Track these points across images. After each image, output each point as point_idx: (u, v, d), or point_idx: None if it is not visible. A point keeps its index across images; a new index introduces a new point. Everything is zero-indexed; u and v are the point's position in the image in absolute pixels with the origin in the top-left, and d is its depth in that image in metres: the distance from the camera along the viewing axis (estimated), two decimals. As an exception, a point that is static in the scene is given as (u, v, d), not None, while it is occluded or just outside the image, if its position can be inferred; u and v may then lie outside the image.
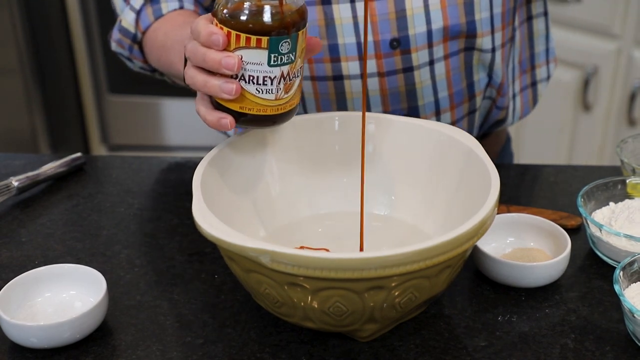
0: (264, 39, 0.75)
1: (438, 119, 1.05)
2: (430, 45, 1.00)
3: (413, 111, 1.04)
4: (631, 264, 0.81)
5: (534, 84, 1.17)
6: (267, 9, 0.75)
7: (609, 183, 0.96)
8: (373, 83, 1.01)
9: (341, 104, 1.04)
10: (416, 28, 0.99)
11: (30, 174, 1.05)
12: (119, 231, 0.98)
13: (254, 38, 0.75)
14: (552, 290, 0.86)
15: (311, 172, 0.93)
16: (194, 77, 0.79)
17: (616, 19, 1.92)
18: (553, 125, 2.11)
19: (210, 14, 0.80)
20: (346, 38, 0.99)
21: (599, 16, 1.95)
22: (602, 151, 2.05)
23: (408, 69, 1.01)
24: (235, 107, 0.78)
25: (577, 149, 2.09)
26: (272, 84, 0.77)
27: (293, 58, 0.77)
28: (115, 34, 1.10)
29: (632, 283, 0.81)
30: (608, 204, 0.95)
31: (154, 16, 1.05)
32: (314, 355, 0.77)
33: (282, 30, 0.75)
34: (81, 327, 0.77)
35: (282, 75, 0.77)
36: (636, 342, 0.78)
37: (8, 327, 0.77)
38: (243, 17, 0.75)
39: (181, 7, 1.06)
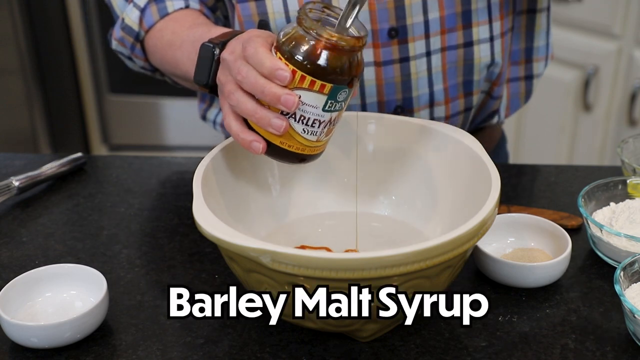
0: (328, 86, 0.74)
1: (431, 112, 1.06)
2: (427, 35, 1.01)
3: (407, 102, 1.04)
4: (632, 264, 0.81)
5: (529, 77, 1.16)
6: (342, 59, 0.74)
7: (609, 183, 0.96)
8: (369, 72, 1.02)
9: None
10: (414, 17, 0.99)
11: (30, 173, 1.05)
12: (119, 231, 0.98)
13: (318, 82, 0.74)
14: (552, 291, 0.86)
15: (311, 171, 0.92)
16: (242, 102, 0.77)
17: (617, 18, 1.92)
18: (553, 125, 2.11)
19: (261, 35, 0.78)
20: None
21: (599, 16, 1.95)
22: (603, 151, 2.05)
23: (404, 59, 1.01)
24: (275, 140, 0.77)
25: (577, 149, 2.09)
26: (319, 127, 0.77)
27: (343, 106, 0.77)
28: (117, 32, 1.09)
29: (633, 283, 0.81)
30: (609, 204, 0.95)
31: (159, 15, 1.05)
32: (315, 355, 0.77)
33: (346, 81, 0.75)
34: (81, 327, 0.77)
35: (330, 120, 0.77)
36: (637, 342, 0.78)
37: (8, 327, 0.77)
38: (313, 61, 0.74)
39: (187, 7, 1.05)
